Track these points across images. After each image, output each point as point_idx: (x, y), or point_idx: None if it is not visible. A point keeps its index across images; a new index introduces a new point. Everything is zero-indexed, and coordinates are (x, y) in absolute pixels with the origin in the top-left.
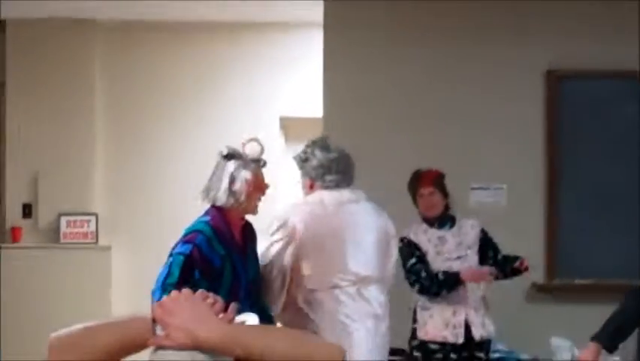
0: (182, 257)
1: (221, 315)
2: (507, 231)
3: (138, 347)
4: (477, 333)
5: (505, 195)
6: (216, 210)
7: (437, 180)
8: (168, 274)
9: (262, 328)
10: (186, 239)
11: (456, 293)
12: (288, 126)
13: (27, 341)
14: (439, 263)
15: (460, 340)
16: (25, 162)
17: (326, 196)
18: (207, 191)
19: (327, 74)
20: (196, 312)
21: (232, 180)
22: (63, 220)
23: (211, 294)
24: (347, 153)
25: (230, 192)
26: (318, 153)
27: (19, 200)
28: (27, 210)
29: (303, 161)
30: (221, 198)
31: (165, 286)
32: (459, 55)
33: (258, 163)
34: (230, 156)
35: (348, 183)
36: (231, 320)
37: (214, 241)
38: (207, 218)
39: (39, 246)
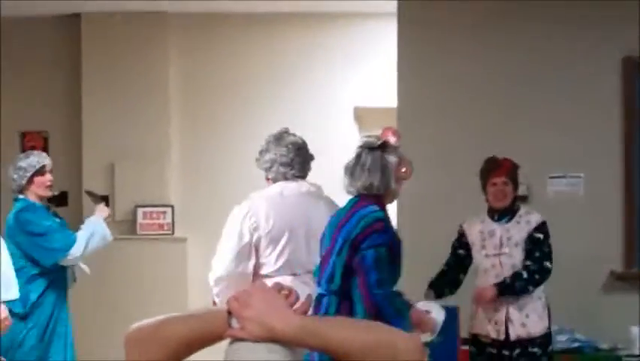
0: (384, 248)
1: (295, 306)
2: (585, 219)
3: (214, 339)
4: (514, 332)
5: (582, 184)
6: (375, 198)
7: (512, 170)
8: (379, 271)
9: (337, 319)
10: (377, 228)
11: None
12: (362, 116)
13: (104, 332)
14: (480, 258)
15: (502, 336)
16: (101, 154)
17: (285, 188)
18: (372, 184)
19: (401, 64)
20: (271, 304)
21: (398, 167)
22: (139, 212)
23: (286, 285)
24: (302, 147)
25: (398, 179)
26: (271, 147)
27: (96, 192)
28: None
29: (259, 154)
30: (393, 186)
31: (382, 283)
32: (535, 43)
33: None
34: (383, 146)
35: (302, 176)
36: (306, 312)
37: (391, 227)
38: (376, 207)
39: (116, 237)
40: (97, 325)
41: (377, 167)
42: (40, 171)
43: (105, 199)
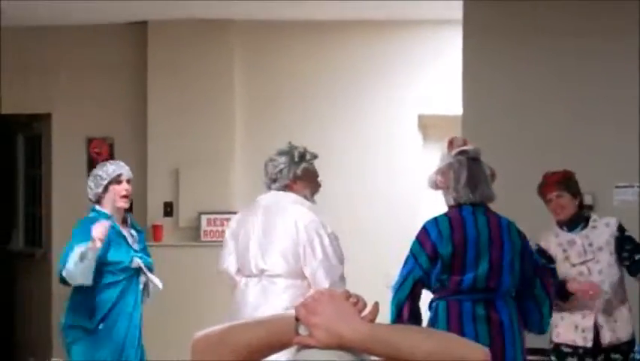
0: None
1: (363, 314)
2: None
3: (281, 346)
4: (605, 338)
5: None
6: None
7: (562, 182)
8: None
9: (404, 327)
10: (524, 234)
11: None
12: (427, 125)
13: (168, 339)
14: (565, 269)
15: (589, 344)
16: (166, 160)
17: (261, 198)
18: (486, 192)
19: (466, 72)
20: (339, 311)
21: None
22: (203, 219)
23: (353, 293)
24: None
25: None
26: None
27: (160, 198)
28: (168, 209)
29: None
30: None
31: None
32: (599, 52)
33: None
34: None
35: (281, 186)
36: (373, 319)
37: None
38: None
39: (180, 244)
40: (161, 331)
41: (487, 177)
42: (117, 180)
43: None
